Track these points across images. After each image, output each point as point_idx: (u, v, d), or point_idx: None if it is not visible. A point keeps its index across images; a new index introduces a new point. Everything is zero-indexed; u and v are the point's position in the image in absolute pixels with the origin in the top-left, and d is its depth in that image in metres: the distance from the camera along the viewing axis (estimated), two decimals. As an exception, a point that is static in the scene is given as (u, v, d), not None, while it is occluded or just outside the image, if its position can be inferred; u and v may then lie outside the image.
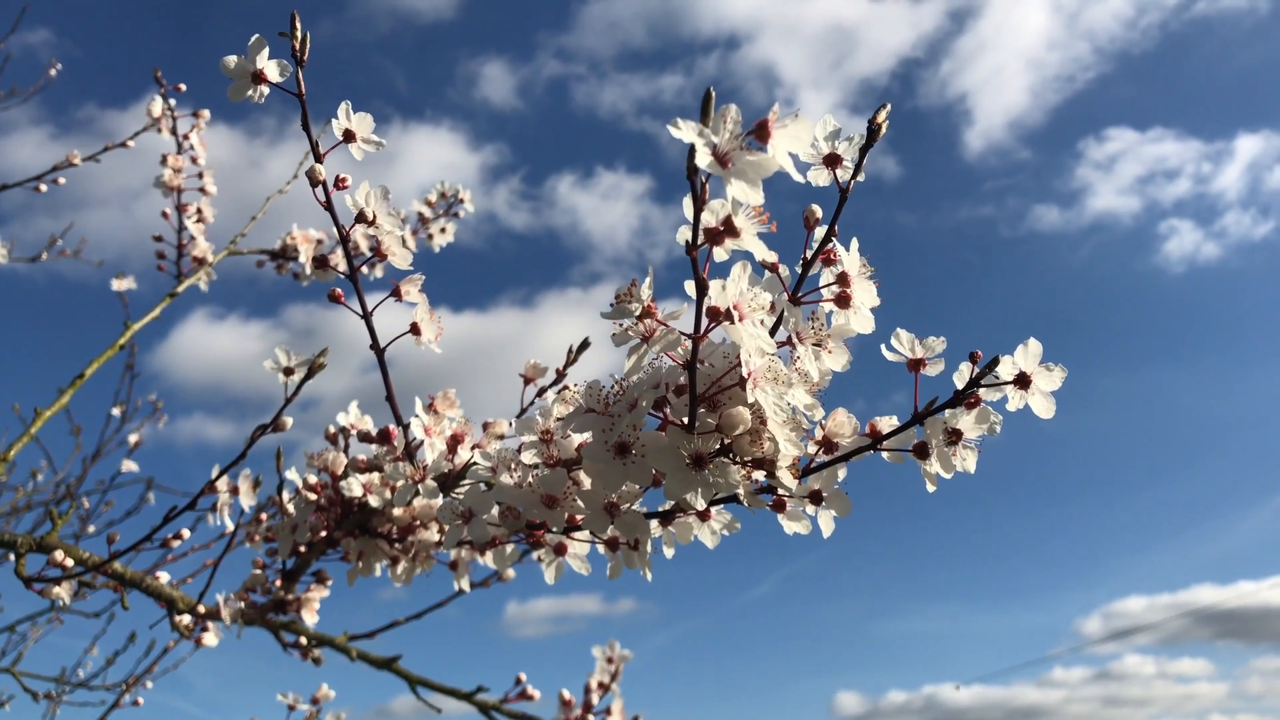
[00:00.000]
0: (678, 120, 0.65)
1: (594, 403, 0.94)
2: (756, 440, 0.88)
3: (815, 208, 0.90)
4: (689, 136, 0.66)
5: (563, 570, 1.16)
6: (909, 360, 0.96)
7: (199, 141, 2.53)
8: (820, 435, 0.96)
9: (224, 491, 1.57)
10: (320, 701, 1.76)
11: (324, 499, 1.45)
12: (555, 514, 1.01)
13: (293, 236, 2.56)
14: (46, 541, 1.57)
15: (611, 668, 1.81)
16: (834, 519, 0.99)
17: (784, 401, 0.84)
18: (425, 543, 1.40)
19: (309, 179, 1.18)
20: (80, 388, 1.98)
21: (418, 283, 1.25)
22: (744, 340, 0.80)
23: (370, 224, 1.20)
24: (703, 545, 1.08)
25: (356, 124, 1.18)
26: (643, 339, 0.88)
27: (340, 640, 1.71)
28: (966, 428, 0.94)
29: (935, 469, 0.95)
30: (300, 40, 1.17)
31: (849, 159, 0.92)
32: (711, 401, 0.89)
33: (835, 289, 0.92)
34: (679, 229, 0.78)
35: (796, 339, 0.90)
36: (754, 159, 0.67)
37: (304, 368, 1.38)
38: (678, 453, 0.87)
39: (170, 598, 1.66)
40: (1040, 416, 0.93)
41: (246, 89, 1.17)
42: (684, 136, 0.66)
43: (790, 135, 0.69)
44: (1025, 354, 0.93)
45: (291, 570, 1.58)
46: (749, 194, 0.67)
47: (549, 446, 1.03)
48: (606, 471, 0.93)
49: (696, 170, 0.69)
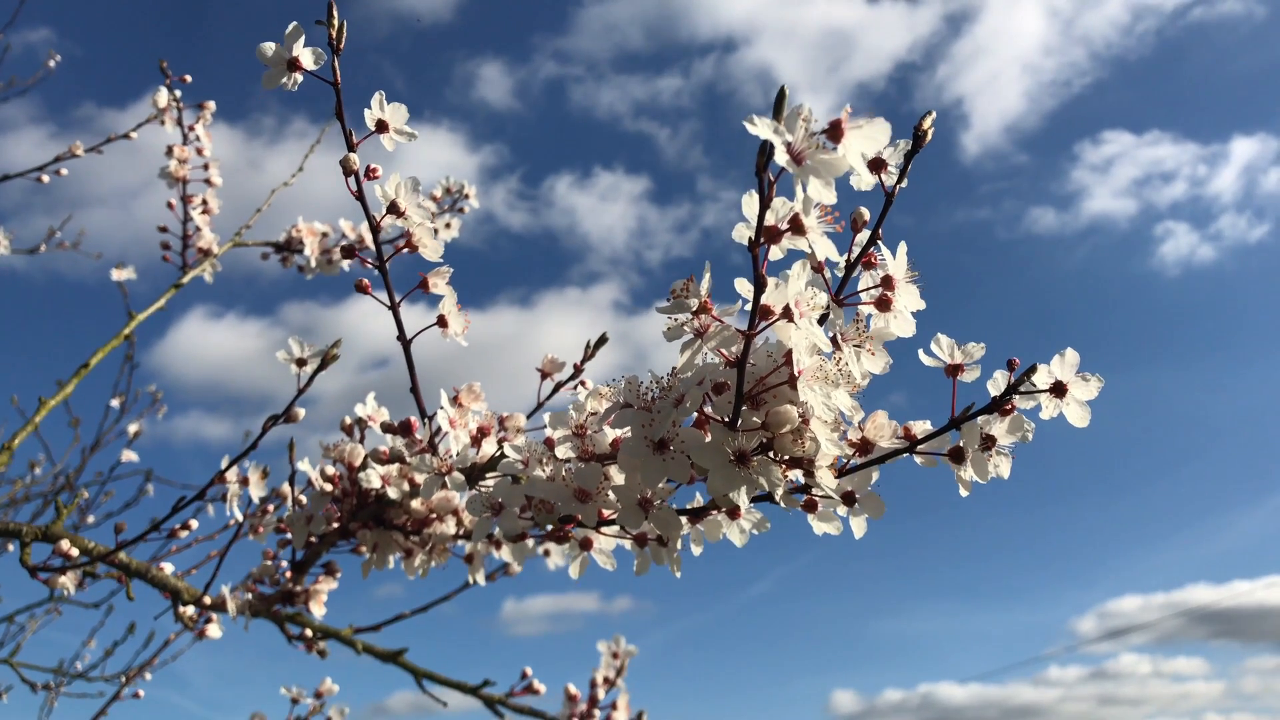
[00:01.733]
0: (753, 117, 0.65)
1: (633, 398, 0.95)
2: (799, 439, 0.89)
3: (864, 210, 0.91)
4: (765, 133, 0.66)
5: (588, 565, 1.17)
6: (947, 365, 0.97)
7: (204, 133, 2.51)
8: (858, 437, 0.96)
9: (233, 482, 1.56)
10: (324, 696, 1.76)
11: (339, 490, 1.44)
12: (588, 508, 1.01)
13: (298, 229, 2.55)
14: (52, 531, 1.56)
15: (617, 663, 1.82)
16: (867, 521, 0.99)
17: (831, 401, 0.85)
18: (442, 535, 1.40)
19: (342, 168, 1.18)
20: (79, 381, 1.96)
21: (445, 275, 1.25)
22: (797, 339, 0.81)
23: (400, 215, 1.20)
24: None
25: (390, 114, 1.18)
26: (696, 335, 0.88)
27: (346, 633, 1.71)
28: (1000, 434, 0.95)
29: (970, 475, 0.95)
30: (337, 29, 1.17)
31: (894, 164, 0.93)
32: (754, 399, 0.89)
33: (878, 292, 0.93)
34: (735, 227, 0.78)
35: (840, 340, 0.91)
36: (827, 158, 0.68)
37: (316, 359, 1.38)
38: (722, 449, 0.88)
39: (175, 588, 1.65)
40: (1075, 425, 0.94)
41: (281, 76, 1.17)
42: (760, 133, 0.66)
43: (864, 136, 0.70)
44: (1062, 363, 0.94)
45: (301, 561, 1.57)
46: (822, 192, 0.68)
47: (583, 441, 1.03)
48: (645, 467, 0.93)
49: (766, 167, 0.69)
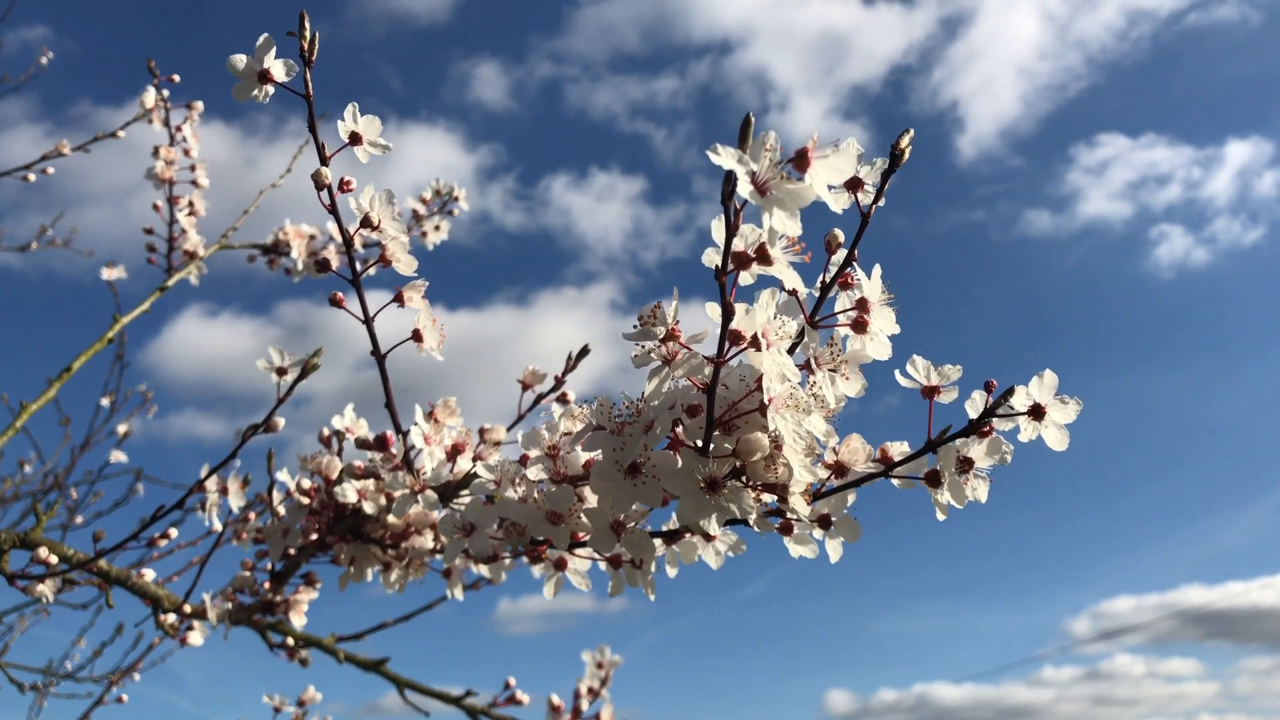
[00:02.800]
0: (717, 146, 0.64)
1: (604, 421, 0.93)
2: (771, 465, 0.87)
3: (838, 232, 0.89)
4: (729, 163, 0.64)
5: (562, 585, 1.15)
6: (924, 387, 0.95)
7: (191, 133, 2.49)
8: (833, 460, 0.95)
9: (213, 491, 1.55)
10: (306, 704, 1.74)
11: (317, 503, 1.43)
12: (560, 530, 0.99)
13: (285, 232, 2.53)
14: (31, 537, 1.54)
15: (601, 673, 1.80)
16: (842, 544, 0.98)
17: (802, 429, 0.83)
18: (419, 550, 1.38)
19: (314, 182, 1.16)
20: (70, 378, 1.95)
21: (421, 289, 1.24)
22: (767, 367, 0.79)
23: (374, 228, 1.18)
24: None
25: (363, 126, 1.16)
26: (664, 362, 0.86)
27: (328, 642, 1.69)
28: (978, 457, 0.94)
29: (946, 498, 0.94)
30: (309, 40, 1.14)
31: (870, 183, 0.91)
32: (726, 425, 0.88)
33: (853, 314, 0.91)
34: (705, 252, 0.77)
35: (814, 363, 0.89)
36: (793, 188, 0.66)
37: (297, 368, 1.36)
38: (692, 476, 0.86)
39: (155, 596, 1.64)
40: (1053, 449, 0.93)
41: (252, 88, 1.14)
42: (724, 163, 0.64)
43: (830, 166, 0.68)
44: (1040, 385, 0.92)
45: (280, 572, 1.56)
46: (787, 224, 0.66)
47: (555, 462, 1.02)
48: (616, 491, 0.91)
49: (731, 195, 0.67)
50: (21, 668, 2.99)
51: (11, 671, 2.84)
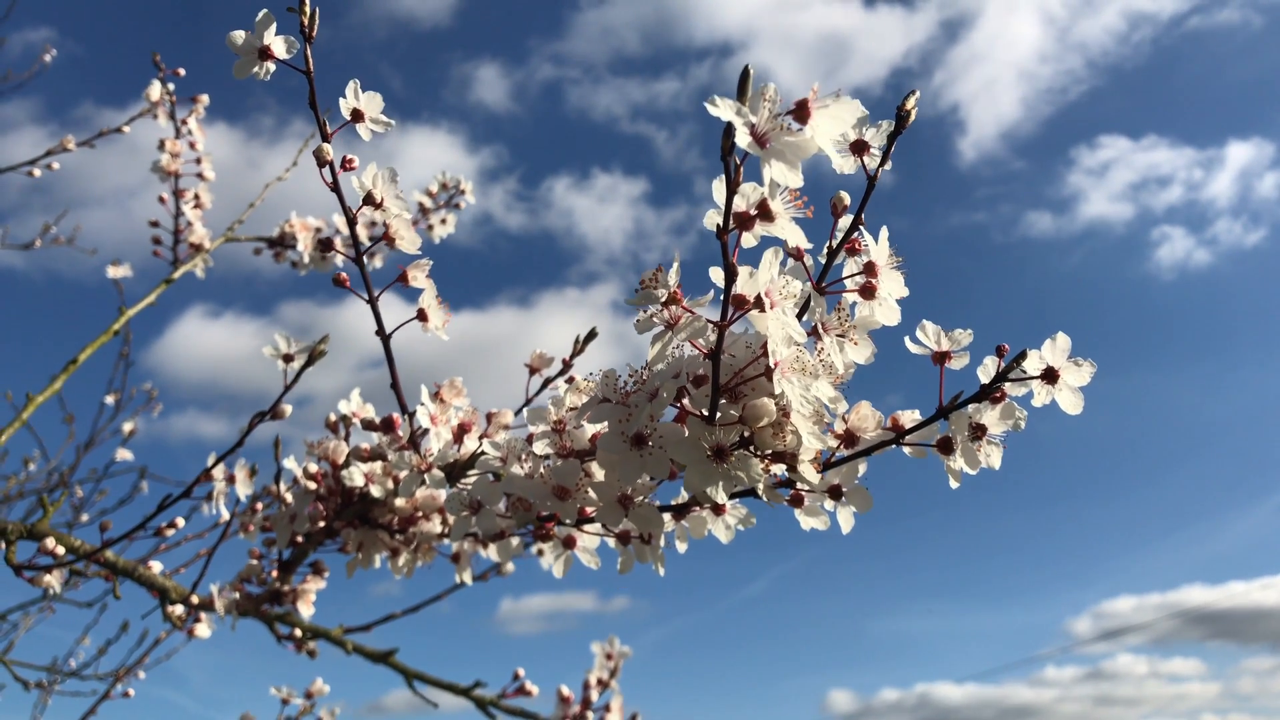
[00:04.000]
0: (715, 98, 0.62)
1: (610, 392, 0.92)
2: (779, 433, 0.85)
3: (844, 195, 0.87)
4: (727, 114, 0.63)
5: (571, 563, 1.14)
6: (934, 353, 0.94)
7: (197, 127, 2.49)
8: (842, 429, 0.93)
9: (219, 480, 1.54)
10: (314, 696, 1.73)
11: (324, 488, 1.42)
12: (567, 506, 0.98)
13: (291, 224, 2.53)
14: (38, 529, 1.54)
15: (611, 664, 1.79)
16: (854, 515, 0.96)
17: (810, 394, 0.82)
18: (427, 534, 1.37)
19: (316, 158, 1.15)
20: (74, 376, 1.95)
21: (425, 268, 1.22)
22: (772, 329, 0.77)
23: (378, 206, 1.17)
24: (697, 541, 1.06)
25: (365, 103, 1.14)
26: (667, 326, 0.85)
27: (336, 633, 1.68)
28: (991, 423, 0.92)
29: (960, 465, 0.92)
30: (309, 16, 1.13)
31: (876, 146, 0.89)
32: (733, 392, 0.86)
33: (861, 279, 0.90)
34: (707, 214, 0.75)
35: (822, 329, 0.87)
36: (793, 139, 0.64)
37: (304, 355, 1.36)
38: (699, 444, 0.85)
39: (163, 587, 1.63)
40: (1068, 412, 0.91)
41: (252, 65, 1.13)
42: (721, 114, 0.63)
43: (832, 115, 0.66)
44: (1053, 348, 0.90)
45: (288, 561, 1.55)
46: (788, 175, 0.64)
47: (562, 437, 1.01)
48: (623, 463, 0.90)
49: (731, 150, 0.66)
50: (26, 665, 2.99)
51: (16, 669, 2.84)
